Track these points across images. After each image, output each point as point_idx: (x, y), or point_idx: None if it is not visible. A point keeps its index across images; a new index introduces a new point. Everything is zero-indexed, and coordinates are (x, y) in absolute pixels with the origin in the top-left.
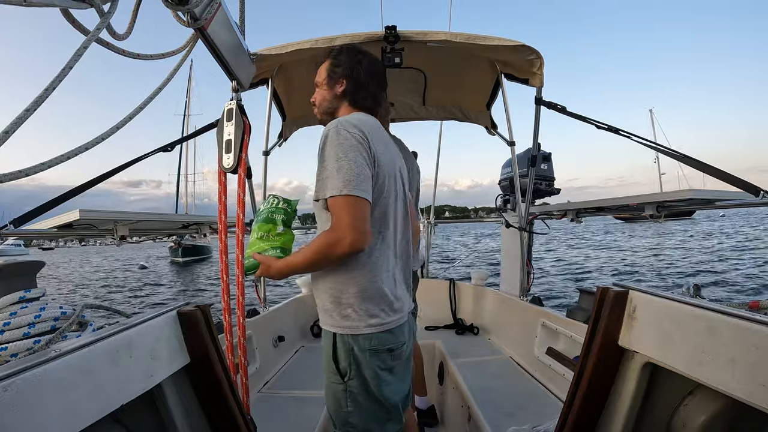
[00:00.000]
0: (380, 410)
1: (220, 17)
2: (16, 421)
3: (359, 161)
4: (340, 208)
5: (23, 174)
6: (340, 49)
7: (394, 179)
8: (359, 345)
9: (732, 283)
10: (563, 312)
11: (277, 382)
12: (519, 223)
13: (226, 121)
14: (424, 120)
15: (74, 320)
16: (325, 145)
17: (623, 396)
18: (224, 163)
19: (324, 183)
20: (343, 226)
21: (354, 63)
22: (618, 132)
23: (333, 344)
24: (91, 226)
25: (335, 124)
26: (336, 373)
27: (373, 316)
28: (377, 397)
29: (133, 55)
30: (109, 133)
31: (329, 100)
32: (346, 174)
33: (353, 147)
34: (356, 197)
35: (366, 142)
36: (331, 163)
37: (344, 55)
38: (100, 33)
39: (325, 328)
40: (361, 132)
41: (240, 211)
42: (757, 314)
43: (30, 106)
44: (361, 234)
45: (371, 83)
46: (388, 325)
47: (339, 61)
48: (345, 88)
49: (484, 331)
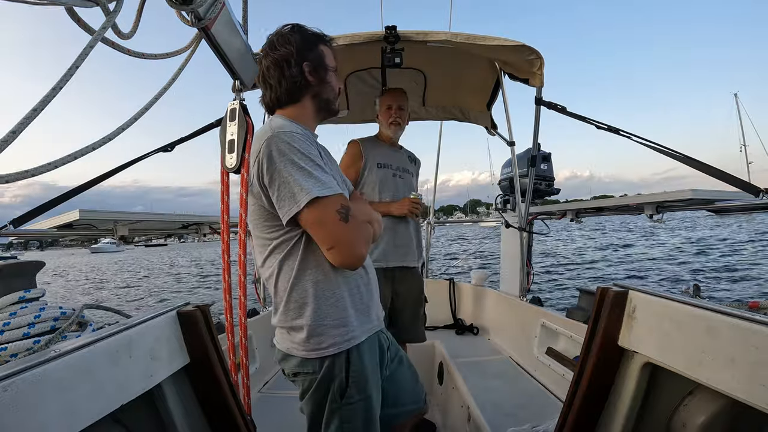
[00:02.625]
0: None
1: (223, 17)
2: (16, 421)
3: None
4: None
5: (29, 174)
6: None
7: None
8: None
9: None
10: (563, 312)
11: (277, 382)
12: (519, 224)
13: (229, 121)
14: (424, 120)
15: (74, 320)
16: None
17: (623, 396)
18: (227, 162)
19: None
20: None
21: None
22: (618, 132)
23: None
24: (91, 226)
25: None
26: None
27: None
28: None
29: (137, 55)
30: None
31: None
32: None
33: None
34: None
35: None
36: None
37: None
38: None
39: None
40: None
41: (242, 211)
42: (757, 314)
43: (37, 106)
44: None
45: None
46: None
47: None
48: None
49: (483, 331)
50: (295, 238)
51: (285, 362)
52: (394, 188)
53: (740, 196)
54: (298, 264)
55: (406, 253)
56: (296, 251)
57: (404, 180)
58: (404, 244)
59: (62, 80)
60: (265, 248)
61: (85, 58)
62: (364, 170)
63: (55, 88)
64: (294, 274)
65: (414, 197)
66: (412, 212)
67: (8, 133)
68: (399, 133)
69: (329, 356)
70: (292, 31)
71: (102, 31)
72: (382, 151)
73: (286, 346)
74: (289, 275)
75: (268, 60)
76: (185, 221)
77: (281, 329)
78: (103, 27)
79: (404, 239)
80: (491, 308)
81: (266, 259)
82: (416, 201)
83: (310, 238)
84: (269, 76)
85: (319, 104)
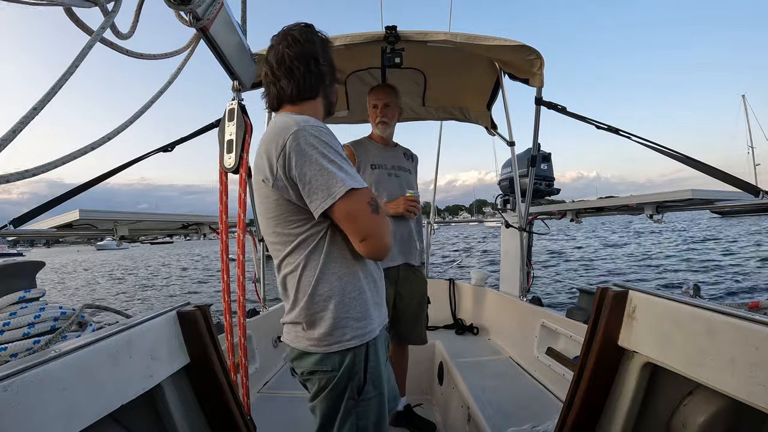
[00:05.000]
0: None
1: (222, 17)
2: (15, 421)
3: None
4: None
5: (30, 174)
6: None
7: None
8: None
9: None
10: (563, 312)
11: (277, 382)
12: (519, 224)
13: (228, 121)
14: (424, 120)
15: (74, 320)
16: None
17: (623, 396)
18: (225, 162)
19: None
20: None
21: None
22: (618, 132)
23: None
24: (91, 226)
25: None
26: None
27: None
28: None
29: (136, 55)
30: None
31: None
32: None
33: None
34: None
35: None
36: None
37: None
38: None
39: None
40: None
41: (241, 211)
42: (756, 314)
43: (37, 105)
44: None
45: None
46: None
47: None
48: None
49: (483, 331)
50: (321, 233)
51: (300, 360)
52: (390, 188)
53: (740, 197)
54: (323, 258)
55: (408, 251)
56: (322, 245)
57: (400, 178)
58: (405, 242)
59: (61, 80)
60: (288, 244)
61: (84, 58)
62: (358, 173)
63: (54, 87)
64: (320, 268)
65: (410, 195)
66: (409, 211)
67: (8, 132)
68: (388, 131)
69: (351, 350)
70: (312, 30)
71: (101, 31)
72: (375, 152)
73: (303, 344)
74: (314, 269)
75: (293, 51)
76: (185, 221)
77: (296, 326)
78: (102, 27)
79: (405, 237)
80: (491, 308)
81: (289, 254)
82: (412, 199)
83: (335, 233)
84: (295, 67)
85: (326, 105)
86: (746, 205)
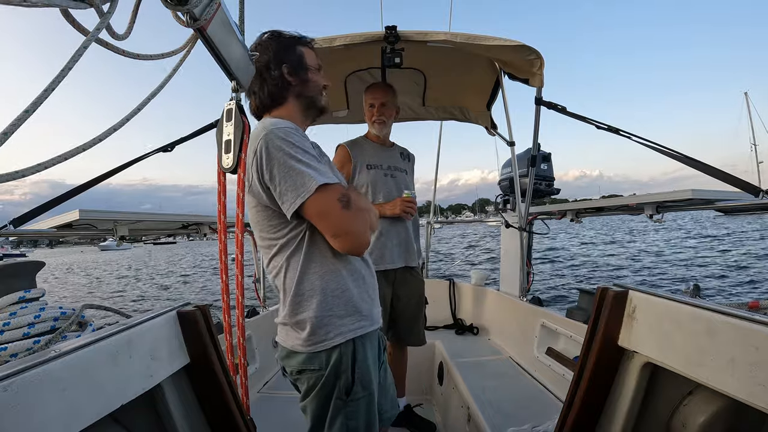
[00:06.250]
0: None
1: (219, 17)
2: (15, 421)
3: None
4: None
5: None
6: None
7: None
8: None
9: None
10: (563, 312)
11: (277, 382)
12: (519, 224)
13: (226, 122)
14: (424, 120)
15: (74, 320)
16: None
17: (623, 396)
18: (223, 163)
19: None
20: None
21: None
22: (618, 132)
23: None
24: (91, 226)
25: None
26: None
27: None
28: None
29: (132, 56)
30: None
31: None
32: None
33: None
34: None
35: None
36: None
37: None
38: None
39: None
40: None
41: (239, 211)
42: (756, 314)
43: (29, 107)
44: None
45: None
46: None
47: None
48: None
49: (483, 332)
50: (300, 235)
51: (288, 359)
52: (387, 188)
53: (740, 197)
54: (303, 258)
55: (406, 253)
56: (301, 247)
57: (397, 179)
58: (402, 244)
59: (55, 81)
60: (272, 248)
61: (79, 59)
62: (355, 173)
63: (47, 89)
64: (300, 268)
65: (406, 196)
66: (406, 212)
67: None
68: (385, 130)
69: (336, 348)
70: (270, 38)
71: (96, 32)
72: (371, 152)
73: (291, 343)
74: (295, 270)
75: (259, 62)
76: (185, 221)
77: (286, 326)
78: (97, 28)
79: (402, 239)
80: (491, 308)
81: (273, 258)
82: (409, 200)
83: (314, 233)
84: (252, 84)
85: (304, 103)
86: (747, 205)
